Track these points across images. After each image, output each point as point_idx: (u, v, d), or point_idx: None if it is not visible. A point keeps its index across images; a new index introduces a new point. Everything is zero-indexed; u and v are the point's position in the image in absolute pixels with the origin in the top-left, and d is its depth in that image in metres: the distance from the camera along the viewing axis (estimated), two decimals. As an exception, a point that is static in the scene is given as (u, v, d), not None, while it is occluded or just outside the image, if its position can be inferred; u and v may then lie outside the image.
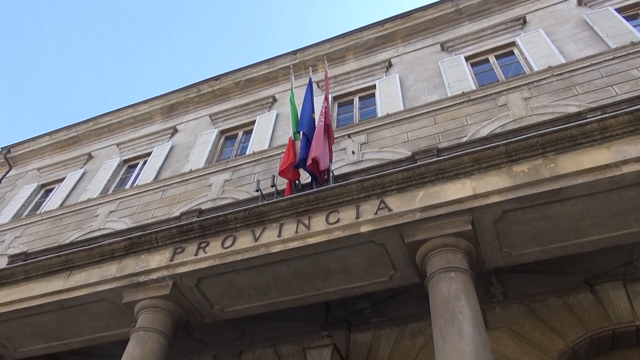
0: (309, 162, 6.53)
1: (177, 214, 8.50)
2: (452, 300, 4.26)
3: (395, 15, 11.34)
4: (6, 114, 47.00)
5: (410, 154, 7.32)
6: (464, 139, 7.41)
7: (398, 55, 10.78)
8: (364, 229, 4.97)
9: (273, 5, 49.72)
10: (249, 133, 10.81)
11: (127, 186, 10.92)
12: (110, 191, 10.95)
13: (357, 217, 5.06)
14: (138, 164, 11.75)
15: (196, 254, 5.55)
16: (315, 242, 5.10)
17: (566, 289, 5.65)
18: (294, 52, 11.89)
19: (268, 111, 11.06)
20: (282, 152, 8.80)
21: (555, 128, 4.85)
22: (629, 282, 5.44)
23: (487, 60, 9.69)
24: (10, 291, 6.20)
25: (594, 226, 4.74)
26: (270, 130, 10.21)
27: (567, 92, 7.65)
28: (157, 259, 5.71)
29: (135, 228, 8.33)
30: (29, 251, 9.20)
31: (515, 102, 7.91)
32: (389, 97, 9.47)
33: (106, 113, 13.31)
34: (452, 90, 8.84)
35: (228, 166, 9.60)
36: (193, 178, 9.74)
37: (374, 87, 10.22)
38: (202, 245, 5.63)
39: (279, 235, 5.30)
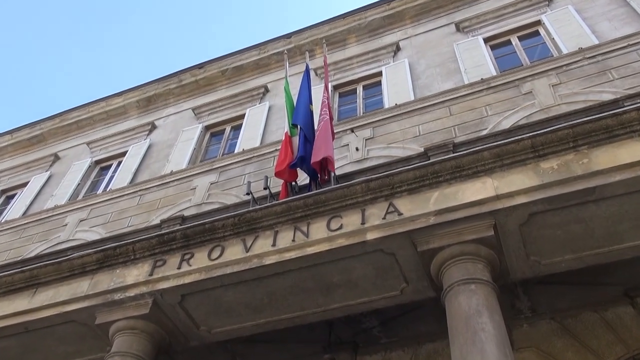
0: (317, 159, 6.52)
1: (157, 221, 8.48)
2: (472, 316, 4.25)
3: (404, -8, 11.34)
4: (-40, 110, 47.08)
5: (422, 150, 7.31)
6: (484, 132, 7.41)
7: (407, 38, 10.78)
8: (370, 236, 4.97)
9: (264, -17, 49.86)
10: (237, 128, 10.81)
11: (100, 191, 10.91)
12: (80, 197, 10.95)
13: (363, 223, 5.06)
14: (111, 165, 11.74)
15: (179, 267, 5.54)
16: (315, 252, 5.10)
17: (603, 303, 5.64)
18: (288, 36, 11.90)
19: (259, 103, 11.06)
20: (276, 150, 8.80)
21: (588, 118, 4.86)
22: (675, 294, 5.45)
23: (509, 42, 9.69)
24: (-34, 313, 6.18)
25: (634, 230, 4.74)
26: (262, 125, 10.21)
27: (600, 77, 7.65)
28: (134, 274, 5.70)
29: (109, 238, 8.30)
30: (-13, 266, 9.19)
31: (542, 89, 7.91)
32: (397, 86, 9.47)
33: (74, 108, 13.31)
34: (470, 76, 8.84)
35: (214, 166, 9.59)
36: (174, 180, 9.74)
37: (380, 74, 10.22)
38: (186, 257, 5.62)
39: (274, 245, 5.30)
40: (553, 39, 9.04)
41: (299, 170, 7.21)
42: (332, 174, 6.91)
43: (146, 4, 49.42)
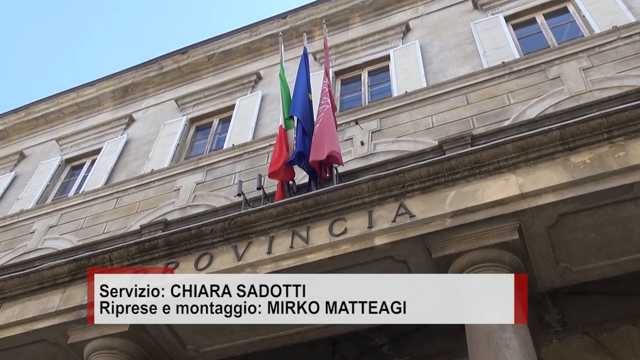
0: (324, 156, 6.51)
1: (137, 227, 8.51)
2: (495, 331, 4.26)
3: (414, -35, 11.34)
4: None
5: (436, 143, 7.34)
6: (506, 123, 7.43)
7: (418, 17, 10.79)
8: (379, 241, 4.98)
9: (255, -44, 49.86)
10: (226, 121, 10.82)
11: (71, 193, 10.92)
12: (49, 200, 10.96)
13: (370, 227, 5.07)
14: (84, 164, 11.75)
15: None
16: (316, 260, 5.11)
17: (643, 315, 5.64)
18: (283, 16, 11.90)
19: (251, 92, 11.07)
20: (271, 145, 8.80)
21: (624, 106, 4.86)
22: None
23: (533, 21, 9.69)
24: None
25: (678, 231, 4.75)
26: (254, 117, 10.22)
27: (638, 60, 7.65)
28: (111, 286, 5.71)
29: (83, 247, 8.34)
30: (-55, 280, 9.20)
31: (572, 73, 7.91)
32: (407, 71, 9.48)
33: (41, 100, 13.31)
34: (489, 60, 8.85)
35: (200, 164, 9.61)
36: (156, 181, 9.75)
37: (387, 58, 10.23)
38: (170, 266, 5.63)
39: (269, 252, 5.31)
40: (583, 16, 9.04)
41: (296, 168, 7.20)
42: (335, 172, 6.91)
43: (121, -19, 49.44)
